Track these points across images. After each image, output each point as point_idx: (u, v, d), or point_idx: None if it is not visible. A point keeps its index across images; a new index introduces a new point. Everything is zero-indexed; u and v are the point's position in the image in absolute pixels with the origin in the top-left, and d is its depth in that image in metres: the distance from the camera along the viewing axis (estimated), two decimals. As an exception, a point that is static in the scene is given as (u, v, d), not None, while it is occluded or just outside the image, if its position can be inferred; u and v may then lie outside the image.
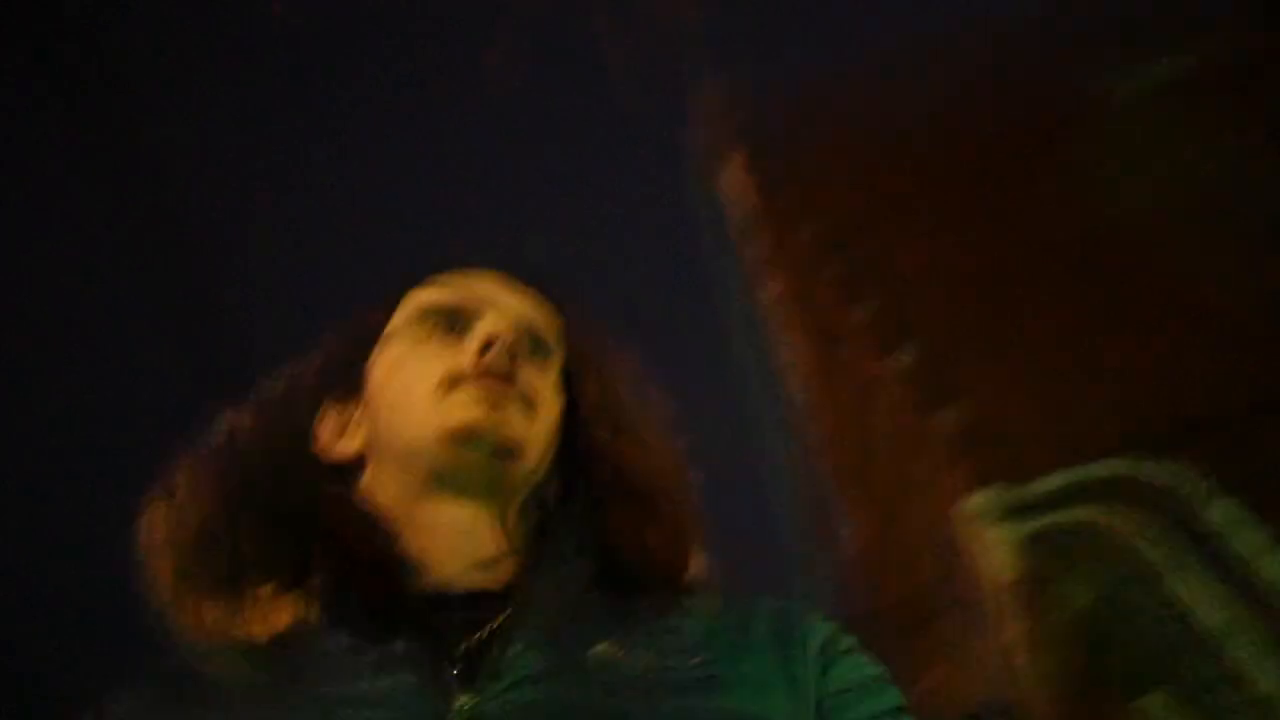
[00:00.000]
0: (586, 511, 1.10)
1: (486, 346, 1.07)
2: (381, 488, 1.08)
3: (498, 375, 1.06)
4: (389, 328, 1.15)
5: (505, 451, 1.06)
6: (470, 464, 1.05)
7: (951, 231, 4.04)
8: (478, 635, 0.98)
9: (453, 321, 1.12)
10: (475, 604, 1.01)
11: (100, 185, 5.18)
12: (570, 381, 1.16)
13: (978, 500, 3.31)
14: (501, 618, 1.00)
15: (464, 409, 1.05)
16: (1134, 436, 3.27)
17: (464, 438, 1.05)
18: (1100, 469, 3.27)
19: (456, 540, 1.05)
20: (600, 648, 0.98)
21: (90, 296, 5.35)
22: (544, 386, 1.11)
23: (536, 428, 1.08)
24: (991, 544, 3.25)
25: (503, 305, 1.14)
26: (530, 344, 1.11)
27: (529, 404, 1.08)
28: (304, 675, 0.97)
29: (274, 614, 1.05)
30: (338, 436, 1.12)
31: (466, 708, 0.93)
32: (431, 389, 1.07)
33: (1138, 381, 3.42)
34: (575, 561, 1.06)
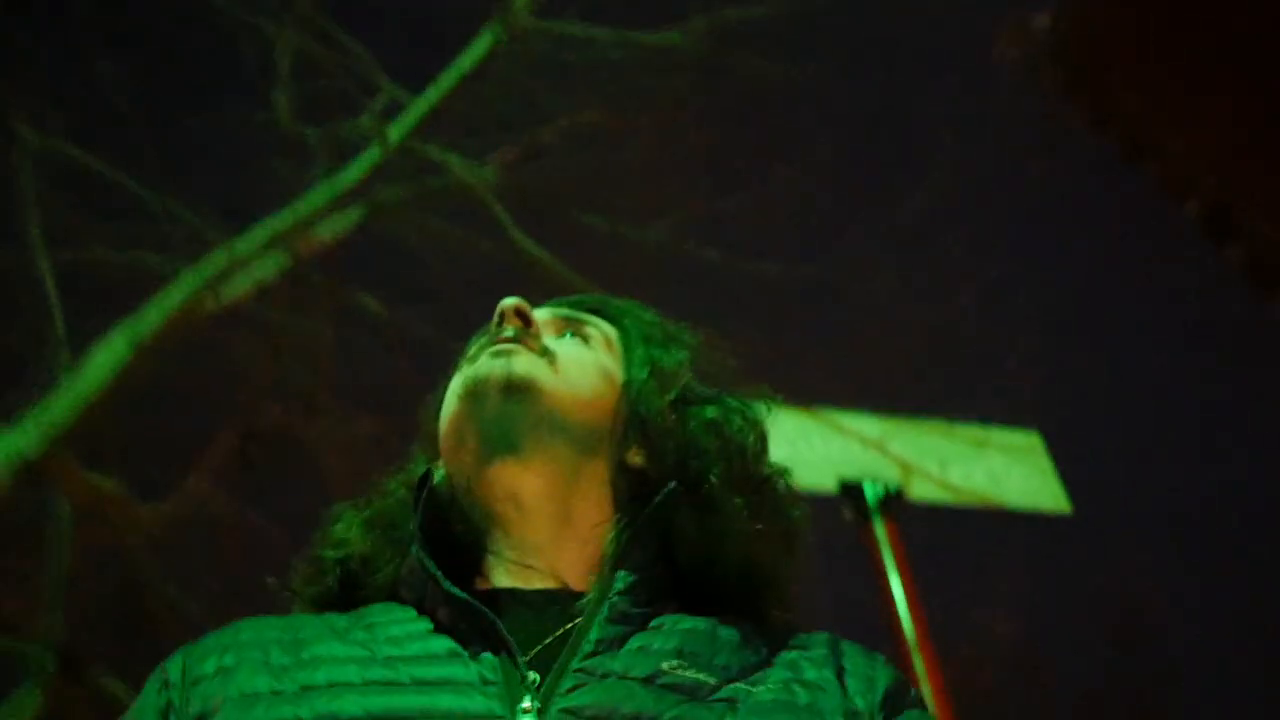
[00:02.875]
0: (667, 516, 1.13)
1: (501, 320, 1.16)
2: (451, 478, 1.15)
3: (510, 336, 1.15)
4: None
5: (514, 389, 1.11)
6: (484, 410, 1.11)
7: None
8: (550, 638, 1.03)
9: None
10: (555, 600, 1.07)
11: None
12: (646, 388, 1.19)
13: None
14: (574, 624, 1.04)
15: (473, 369, 1.14)
16: None
17: (472, 388, 1.13)
18: None
19: (533, 511, 1.11)
20: (668, 662, 1.02)
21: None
22: (577, 352, 1.18)
23: (561, 375, 1.14)
24: None
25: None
26: (561, 322, 1.21)
27: (550, 355, 1.15)
28: (380, 638, 1.05)
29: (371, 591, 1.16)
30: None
31: (531, 710, 0.98)
32: (458, 373, 1.17)
33: None
34: (654, 570, 1.10)
